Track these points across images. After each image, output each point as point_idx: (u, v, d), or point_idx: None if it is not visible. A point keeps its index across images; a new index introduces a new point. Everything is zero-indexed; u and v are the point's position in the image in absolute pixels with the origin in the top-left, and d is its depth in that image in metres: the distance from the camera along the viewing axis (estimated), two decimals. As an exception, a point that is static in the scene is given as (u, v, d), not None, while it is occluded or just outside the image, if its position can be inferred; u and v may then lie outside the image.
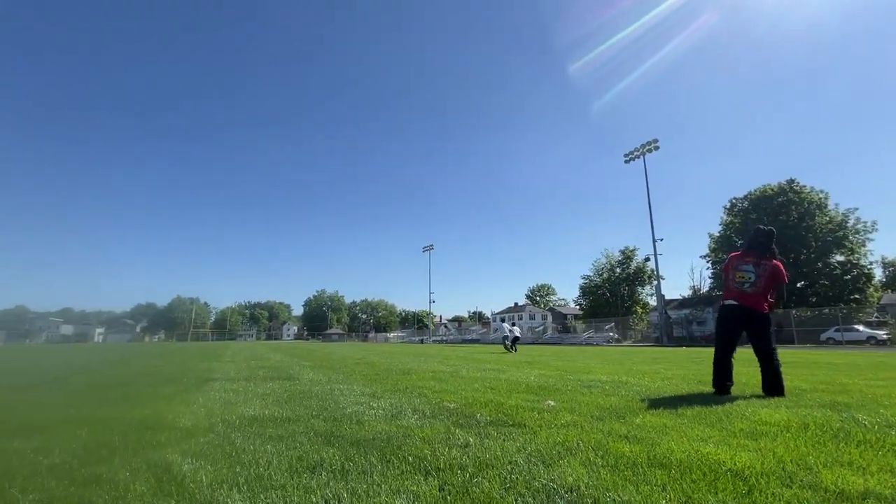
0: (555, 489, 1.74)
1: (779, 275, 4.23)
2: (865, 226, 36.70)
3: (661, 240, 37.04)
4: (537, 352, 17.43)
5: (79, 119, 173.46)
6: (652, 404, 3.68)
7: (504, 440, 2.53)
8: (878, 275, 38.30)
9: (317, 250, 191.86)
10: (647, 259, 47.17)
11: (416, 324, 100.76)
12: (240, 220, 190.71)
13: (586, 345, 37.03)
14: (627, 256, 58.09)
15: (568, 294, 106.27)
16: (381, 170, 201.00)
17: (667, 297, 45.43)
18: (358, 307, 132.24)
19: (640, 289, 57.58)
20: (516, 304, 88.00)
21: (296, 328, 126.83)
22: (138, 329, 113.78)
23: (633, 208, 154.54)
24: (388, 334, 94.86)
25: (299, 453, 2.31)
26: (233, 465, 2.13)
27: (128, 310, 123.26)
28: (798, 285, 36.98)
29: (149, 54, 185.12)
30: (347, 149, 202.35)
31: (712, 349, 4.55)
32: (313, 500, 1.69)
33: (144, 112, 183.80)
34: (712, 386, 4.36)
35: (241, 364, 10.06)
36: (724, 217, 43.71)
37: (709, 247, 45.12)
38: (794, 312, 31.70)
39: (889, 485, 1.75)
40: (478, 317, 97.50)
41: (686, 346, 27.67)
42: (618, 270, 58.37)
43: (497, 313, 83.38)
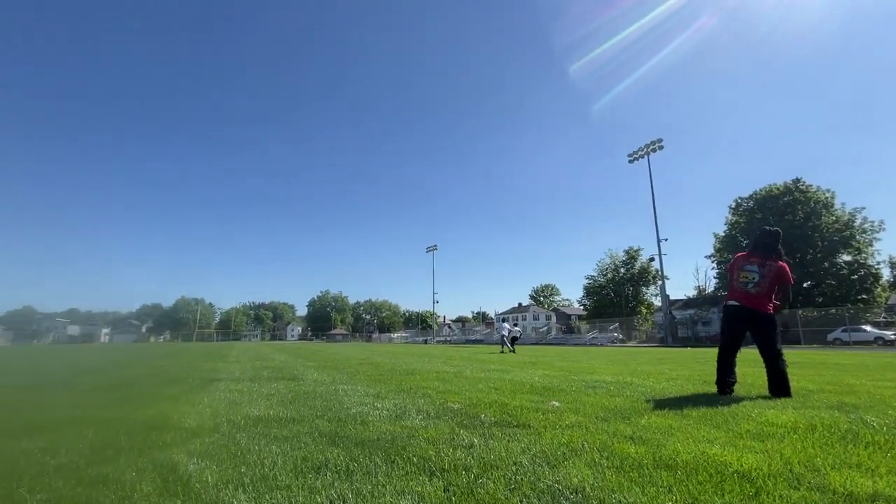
0: (560, 490, 1.74)
1: (784, 276, 4.19)
2: (873, 225, 36.33)
3: (666, 240, 37.01)
4: (541, 352, 17.39)
5: (79, 119, 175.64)
6: (657, 405, 3.66)
7: (508, 441, 2.52)
8: (886, 275, 37.96)
9: (321, 251, 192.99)
10: (652, 259, 46.90)
11: (419, 324, 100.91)
12: (244, 222, 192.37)
13: (590, 345, 36.93)
14: (632, 256, 57.85)
15: (572, 294, 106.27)
16: (384, 170, 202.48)
17: (671, 298, 45.19)
18: (362, 308, 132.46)
19: (644, 289, 57.29)
20: (520, 304, 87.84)
21: (300, 329, 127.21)
22: (144, 329, 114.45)
23: (636, 208, 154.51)
24: (391, 335, 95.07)
25: (304, 454, 2.31)
26: (238, 465, 2.14)
27: (133, 310, 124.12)
28: (805, 285, 36.64)
29: (150, 55, 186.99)
30: (349, 148, 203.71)
31: (717, 349, 4.55)
32: (318, 501, 1.69)
33: (145, 112, 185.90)
34: (715, 384, 4.37)
35: (245, 364, 10.10)
36: (730, 217, 43.39)
37: (714, 247, 44.83)
38: (800, 313, 31.43)
39: (899, 487, 1.73)
40: (481, 317, 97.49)
41: (691, 346, 27.52)
42: (622, 270, 58.13)
43: (501, 313, 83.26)
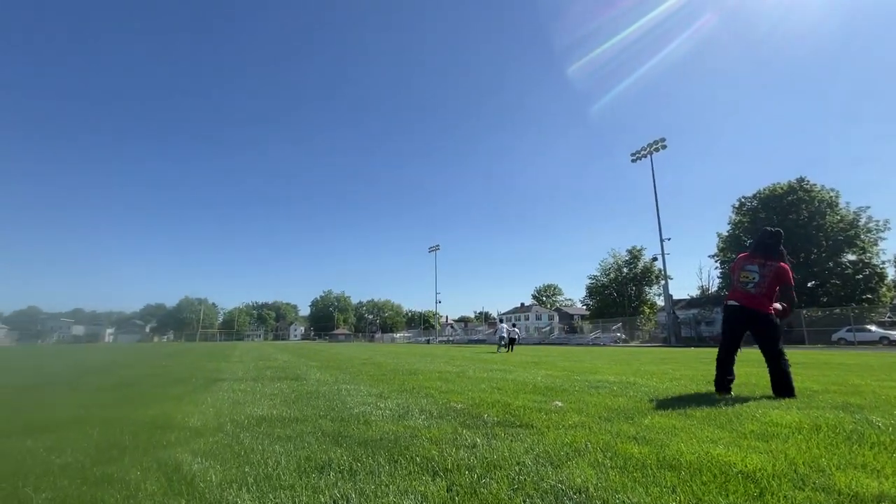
0: (563, 490, 1.73)
1: (783, 276, 4.16)
2: (877, 224, 36.08)
3: (669, 239, 36.90)
4: (544, 352, 17.37)
5: (79, 118, 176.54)
6: (660, 405, 3.65)
7: (512, 441, 2.52)
8: (891, 274, 37.46)
9: (322, 251, 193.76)
10: (655, 259, 46.73)
11: (422, 324, 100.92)
12: (246, 222, 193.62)
13: (593, 345, 36.88)
14: (635, 256, 57.65)
15: (574, 294, 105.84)
16: (384, 170, 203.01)
17: (675, 297, 45.03)
18: (364, 308, 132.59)
19: (647, 289, 57.06)
20: (523, 304, 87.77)
21: (303, 329, 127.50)
22: (147, 329, 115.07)
23: (638, 208, 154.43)
24: (394, 335, 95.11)
25: (307, 453, 2.32)
26: (242, 464, 2.15)
27: (137, 310, 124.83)
28: (809, 285, 36.42)
29: (150, 55, 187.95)
30: (349, 148, 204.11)
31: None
32: (322, 501, 1.69)
33: (145, 112, 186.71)
34: (714, 383, 4.39)
35: (248, 364, 10.13)
36: (733, 216, 43.17)
37: (717, 246, 44.62)
38: (804, 312, 31.20)
39: (905, 488, 1.72)
40: (484, 317, 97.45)
41: (694, 346, 27.41)
42: (625, 270, 57.95)
43: (503, 313, 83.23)
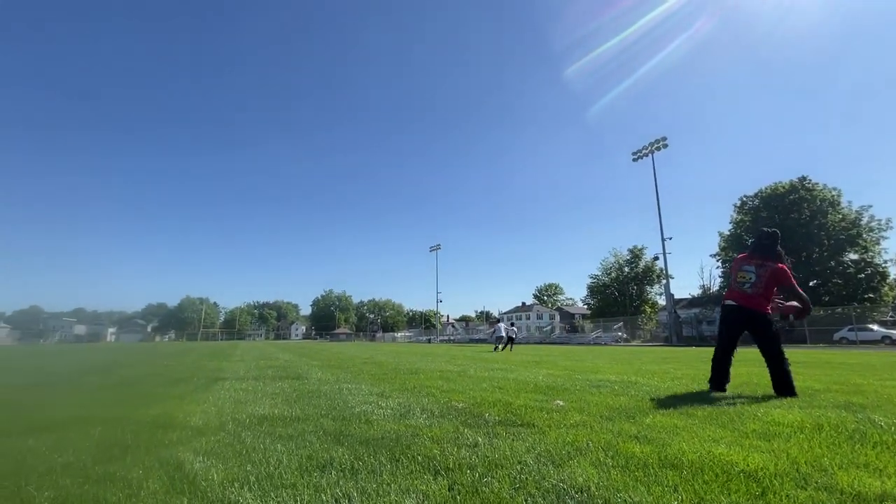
0: (565, 489, 1.73)
1: (781, 278, 4.14)
2: (880, 224, 35.95)
3: (671, 238, 36.77)
4: (545, 351, 17.36)
5: (79, 118, 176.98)
6: (662, 404, 3.65)
7: (513, 440, 2.52)
8: (893, 273, 37.27)
9: (323, 251, 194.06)
10: (656, 258, 46.76)
11: (423, 323, 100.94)
12: (246, 221, 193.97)
13: (594, 344, 36.85)
14: (636, 255, 57.51)
15: (576, 293, 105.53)
16: (384, 169, 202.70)
17: (676, 297, 44.99)
18: (365, 307, 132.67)
19: (648, 288, 56.89)
20: (524, 303, 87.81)
21: (304, 328, 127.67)
22: (149, 329, 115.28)
23: (638, 207, 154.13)
24: (395, 334, 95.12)
25: (309, 452, 2.32)
26: (244, 463, 2.15)
27: (139, 310, 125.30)
28: (811, 284, 36.29)
29: (150, 54, 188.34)
30: (349, 148, 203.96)
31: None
32: (323, 499, 1.69)
33: (147, 111, 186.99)
34: (708, 382, 4.43)
35: (250, 363, 10.14)
36: (735, 215, 43.07)
37: (719, 245, 44.52)
38: (806, 312, 31.11)
39: (908, 487, 1.71)
40: (485, 316, 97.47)
41: (696, 345, 27.36)
42: (626, 269, 57.81)
43: (504, 313, 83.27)
